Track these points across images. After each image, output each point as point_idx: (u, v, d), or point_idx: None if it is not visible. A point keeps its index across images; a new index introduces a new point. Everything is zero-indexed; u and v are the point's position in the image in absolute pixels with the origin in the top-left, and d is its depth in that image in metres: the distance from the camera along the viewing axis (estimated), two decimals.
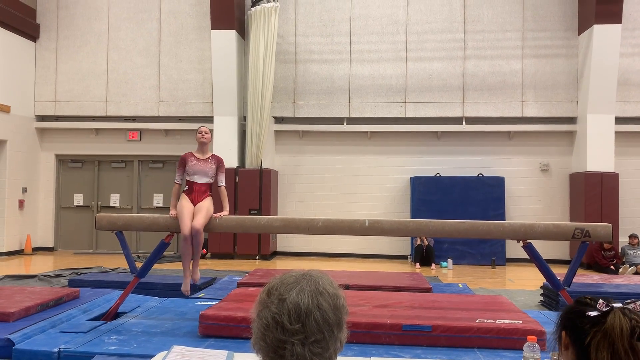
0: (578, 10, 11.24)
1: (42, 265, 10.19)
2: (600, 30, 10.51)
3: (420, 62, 11.58)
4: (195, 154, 5.34)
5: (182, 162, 5.33)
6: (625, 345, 1.20)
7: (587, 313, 1.26)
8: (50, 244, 12.38)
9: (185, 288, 5.29)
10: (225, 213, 5.21)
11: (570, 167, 11.37)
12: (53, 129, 12.41)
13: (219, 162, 5.40)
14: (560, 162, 11.44)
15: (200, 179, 5.24)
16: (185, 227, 4.94)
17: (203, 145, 5.35)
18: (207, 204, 5.15)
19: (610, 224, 4.73)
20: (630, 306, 1.26)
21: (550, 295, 6.46)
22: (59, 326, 4.49)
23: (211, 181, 5.32)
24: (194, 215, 5.05)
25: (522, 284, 8.55)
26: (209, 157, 5.35)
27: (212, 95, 11.57)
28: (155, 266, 8.66)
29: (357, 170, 11.79)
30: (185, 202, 5.10)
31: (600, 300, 1.27)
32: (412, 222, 5.11)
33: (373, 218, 4.87)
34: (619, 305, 1.26)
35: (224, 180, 5.43)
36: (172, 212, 5.09)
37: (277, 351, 1.15)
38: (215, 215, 5.11)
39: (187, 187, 5.25)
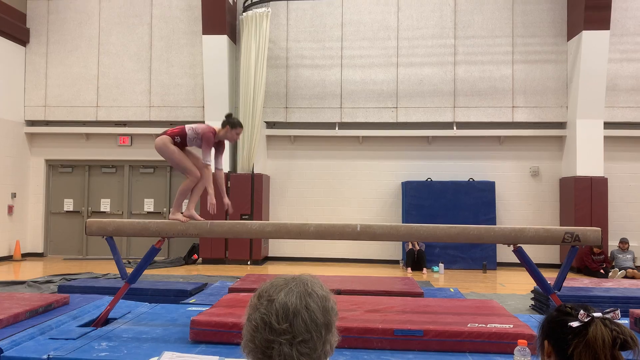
0: (567, 16, 11.36)
1: (31, 271, 10.10)
2: (589, 37, 10.62)
3: (411, 68, 11.64)
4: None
5: (211, 138, 4.90)
6: (607, 355, 1.25)
7: (569, 324, 1.29)
8: (40, 250, 12.28)
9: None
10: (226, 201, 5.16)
11: (560, 172, 11.45)
12: (43, 134, 12.33)
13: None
14: (550, 166, 11.52)
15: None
16: (195, 172, 4.87)
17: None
18: None
19: (599, 228, 4.77)
20: (609, 315, 1.29)
21: (541, 299, 6.49)
22: (48, 333, 4.44)
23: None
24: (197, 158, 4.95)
25: (513, 288, 8.58)
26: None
27: (204, 100, 11.56)
28: (146, 271, 8.60)
29: (349, 175, 11.81)
30: (172, 146, 4.88)
31: (582, 311, 1.30)
32: (403, 227, 5.12)
33: (365, 223, 4.87)
34: (599, 315, 1.29)
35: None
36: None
37: (265, 352, 1.16)
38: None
39: (179, 140, 4.91)
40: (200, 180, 5.06)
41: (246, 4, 11.55)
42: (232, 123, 5.07)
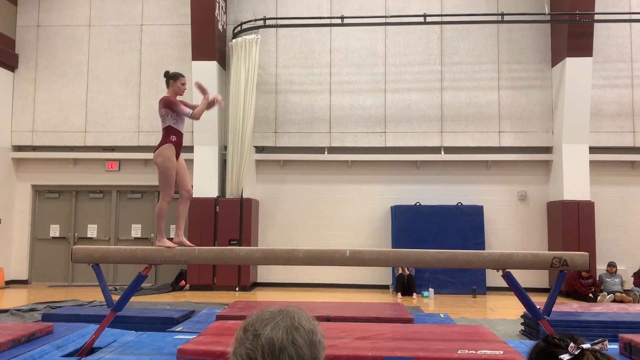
0: (551, 43, 11.60)
1: (15, 299, 9.90)
2: (572, 63, 10.83)
3: (399, 93, 11.77)
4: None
5: (169, 99, 5.04)
6: None
7: (560, 357, 1.27)
8: (25, 277, 12.07)
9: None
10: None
11: (548, 196, 11.54)
12: (30, 159, 12.24)
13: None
14: (538, 190, 11.61)
15: (183, 128, 5.21)
16: (172, 192, 4.92)
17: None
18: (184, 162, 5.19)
19: (587, 253, 4.80)
20: (598, 346, 1.28)
21: (531, 325, 6.47)
22: None
23: None
24: (185, 177, 5.03)
25: (503, 313, 8.56)
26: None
27: (193, 124, 11.56)
28: (133, 298, 8.47)
29: (338, 200, 11.81)
30: (174, 159, 4.97)
31: (572, 344, 1.28)
32: (392, 252, 5.11)
33: (354, 247, 4.87)
34: (588, 346, 1.27)
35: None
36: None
37: None
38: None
39: (174, 137, 5.10)
40: (182, 204, 5.12)
41: (236, 31, 11.67)
42: (172, 76, 5.19)
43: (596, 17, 10.91)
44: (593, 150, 11.09)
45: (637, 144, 11.34)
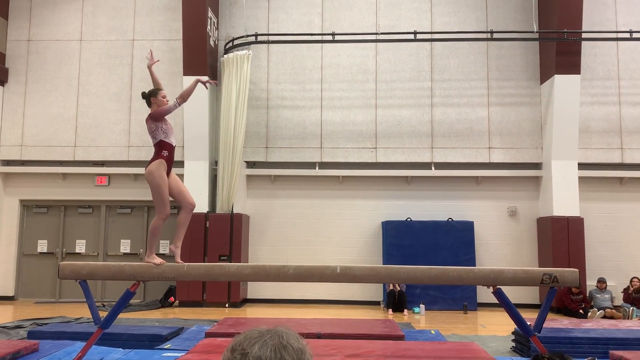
0: (539, 61, 11.74)
1: (0, 315, 9.73)
2: (560, 80, 10.96)
3: (390, 109, 11.83)
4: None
5: (154, 113, 5.01)
6: None
7: None
8: (11, 293, 11.88)
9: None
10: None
11: (537, 212, 11.59)
12: (18, 174, 12.13)
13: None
14: (528, 206, 11.66)
15: (175, 141, 5.17)
16: (167, 209, 4.82)
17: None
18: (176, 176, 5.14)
19: (577, 269, 4.81)
20: None
21: (522, 341, 6.44)
22: None
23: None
24: (182, 190, 4.97)
25: (494, 330, 8.53)
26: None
27: (183, 139, 11.54)
28: (121, 315, 8.35)
29: (329, 215, 11.79)
30: (164, 175, 4.93)
31: None
32: (383, 269, 5.09)
33: (345, 262, 4.85)
34: None
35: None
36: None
37: None
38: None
39: (166, 152, 5.05)
40: (184, 214, 5.06)
41: (227, 47, 11.71)
42: (151, 93, 5.17)
43: (583, 35, 11.08)
44: (582, 166, 11.18)
45: (626, 161, 11.46)
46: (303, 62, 12.02)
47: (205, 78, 5.08)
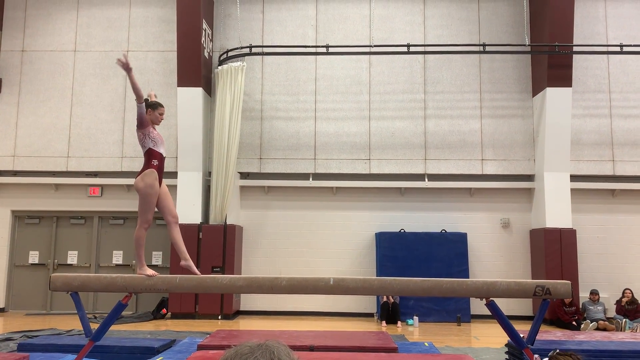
0: (531, 73, 11.85)
1: None
2: (552, 93, 11.06)
3: (383, 121, 11.89)
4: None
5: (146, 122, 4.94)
6: None
7: None
8: (1, 305, 11.76)
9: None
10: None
11: (530, 224, 11.63)
12: (10, 184, 12.06)
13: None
14: (520, 218, 11.70)
15: (164, 152, 5.14)
16: (150, 218, 4.83)
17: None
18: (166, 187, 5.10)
19: (569, 282, 4.82)
20: None
21: (515, 354, 6.43)
22: None
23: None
24: (168, 203, 4.94)
25: (488, 342, 8.52)
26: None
27: (177, 150, 11.53)
28: (113, 327, 8.28)
29: (323, 226, 11.78)
30: (156, 185, 4.90)
31: None
32: (376, 281, 5.09)
33: (339, 274, 4.85)
34: None
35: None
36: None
37: None
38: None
39: (156, 162, 5.02)
40: (172, 231, 5.05)
41: (222, 58, 11.75)
42: (152, 105, 5.10)
43: (575, 48, 11.21)
44: (574, 178, 11.26)
45: (617, 173, 11.54)
46: (297, 73, 12.08)
47: (122, 57, 4.88)
